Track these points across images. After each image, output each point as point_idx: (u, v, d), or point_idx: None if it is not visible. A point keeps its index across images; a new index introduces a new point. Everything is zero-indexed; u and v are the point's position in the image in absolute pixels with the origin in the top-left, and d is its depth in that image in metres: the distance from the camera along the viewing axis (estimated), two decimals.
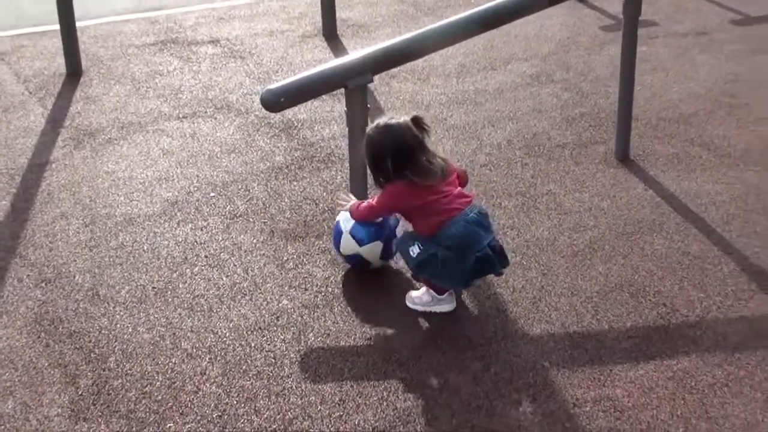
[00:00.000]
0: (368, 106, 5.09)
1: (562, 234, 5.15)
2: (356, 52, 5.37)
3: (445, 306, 4.53)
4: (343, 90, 5.01)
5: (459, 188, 4.51)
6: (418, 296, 4.57)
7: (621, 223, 5.23)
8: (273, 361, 4.23)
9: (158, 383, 4.12)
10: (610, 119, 6.43)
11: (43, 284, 4.88)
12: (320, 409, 3.92)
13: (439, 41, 5.49)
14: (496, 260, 4.37)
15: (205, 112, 6.94)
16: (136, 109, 7.01)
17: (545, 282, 4.72)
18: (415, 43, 5.34)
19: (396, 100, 7.01)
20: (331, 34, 8.38)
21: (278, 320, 4.52)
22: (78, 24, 7.76)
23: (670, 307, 4.49)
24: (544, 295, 4.62)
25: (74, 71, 7.71)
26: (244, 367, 4.20)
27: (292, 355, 4.27)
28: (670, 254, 4.92)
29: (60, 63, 7.80)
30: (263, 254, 5.07)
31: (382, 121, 4.53)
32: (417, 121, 4.50)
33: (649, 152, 6.05)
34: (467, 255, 4.30)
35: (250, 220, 5.42)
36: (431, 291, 4.52)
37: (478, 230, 4.34)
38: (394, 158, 4.39)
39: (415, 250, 4.37)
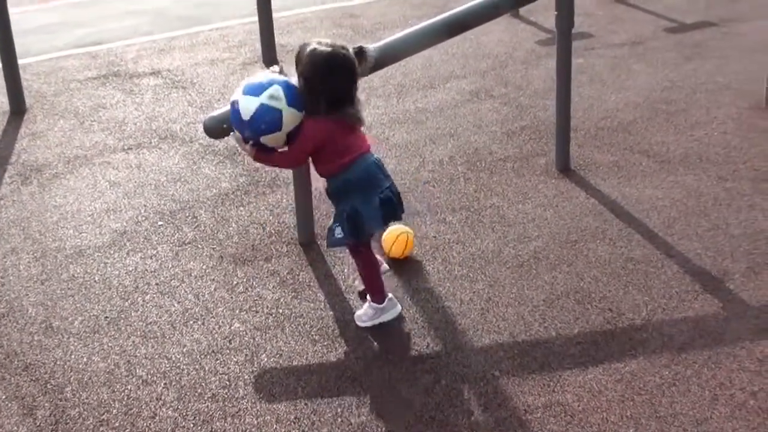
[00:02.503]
0: None
1: (507, 245, 5.25)
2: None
3: (390, 313, 4.61)
4: None
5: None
6: (364, 312, 4.64)
7: (565, 232, 5.34)
8: (227, 383, 4.28)
9: (115, 410, 4.14)
10: (549, 131, 6.55)
11: None
12: (276, 428, 3.96)
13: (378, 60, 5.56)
14: (396, 203, 4.47)
15: (150, 142, 6.97)
16: (82, 143, 7.03)
17: (492, 293, 4.81)
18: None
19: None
20: (271, 60, 8.43)
21: (231, 343, 4.56)
22: (20, 61, 7.78)
23: (616, 311, 4.59)
24: (492, 306, 4.71)
25: (18, 108, 7.72)
26: (199, 390, 4.24)
27: (246, 377, 4.31)
28: (614, 260, 5.04)
29: (3, 101, 7.81)
30: (213, 279, 5.12)
31: (332, 44, 4.27)
32: (361, 53, 4.33)
33: (589, 161, 6.18)
34: (371, 197, 4.37)
35: (199, 246, 5.46)
36: (373, 303, 4.60)
37: (379, 173, 4.43)
38: (341, 90, 4.25)
39: (338, 231, 4.40)
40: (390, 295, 4.64)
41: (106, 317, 4.85)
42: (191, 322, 4.75)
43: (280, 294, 4.92)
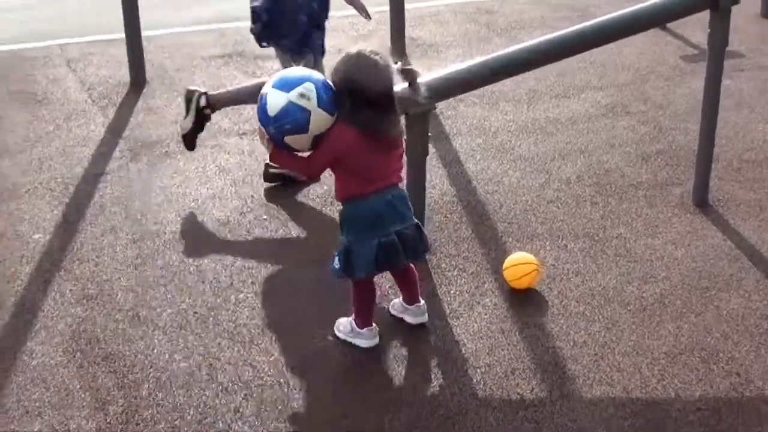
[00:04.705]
0: (429, 133, 4.85)
1: (631, 284, 4.80)
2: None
3: (364, 341, 4.33)
4: None
5: (400, 165, 4.17)
6: (344, 324, 4.41)
7: (695, 276, 4.87)
8: (312, 401, 3.98)
9: (189, 417, 3.92)
10: (688, 158, 6.06)
11: (85, 301, 4.72)
12: None
13: (505, 70, 5.24)
14: (401, 250, 4.10)
15: None
16: None
17: (609, 338, 4.39)
18: (482, 70, 5.12)
19: (462, 125, 6.73)
20: (399, 53, 8.13)
21: (320, 357, 4.27)
22: (147, 33, 7.67)
23: (745, 377, 4.11)
24: (607, 352, 4.29)
25: (138, 81, 7.56)
26: (279, 407, 3.97)
27: (332, 397, 4.01)
28: (748, 315, 4.54)
29: (125, 72, 7.66)
30: (311, 285, 4.83)
31: (373, 51, 3.99)
32: (409, 75, 4.07)
33: (729, 197, 5.67)
34: (371, 239, 4.06)
35: (302, 247, 5.19)
36: (352, 322, 4.34)
37: (391, 213, 4.08)
38: (367, 90, 3.90)
39: (335, 261, 4.17)
40: (374, 326, 4.34)
41: (195, 312, 4.62)
42: (282, 329, 4.47)
43: (379, 309, 4.57)
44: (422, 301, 4.48)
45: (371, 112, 3.92)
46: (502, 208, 5.57)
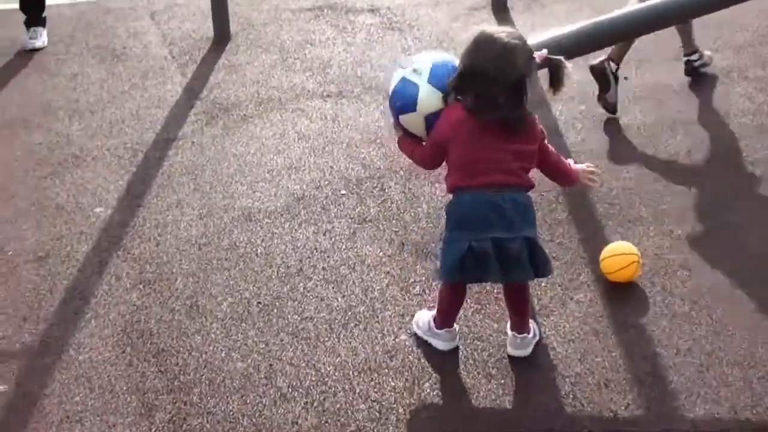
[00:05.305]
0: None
1: (745, 284, 4.21)
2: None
3: (440, 343, 3.89)
4: None
5: (526, 165, 3.62)
6: (423, 321, 3.97)
7: None
8: (377, 415, 3.58)
9: (242, 429, 3.54)
10: None
11: (141, 286, 4.39)
12: None
13: (620, 32, 4.73)
14: (493, 262, 3.51)
15: (352, 91, 6.27)
16: (279, 83, 6.42)
17: (717, 344, 3.84)
18: (593, 34, 4.68)
19: (564, 90, 6.14)
20: (500, 7, 7.58)
21: (392, 360, 3.84)
22: None
23: None
24: (714, 362, 3.75)
25: (222, 36, 7.20)
26: (342, 419, 3.56)
27: (400, 410, 3.59)
28: None
29: (210, 26, 7.29)
30: (388, 272, 4.40)
31: (507, 31, 3.53)
32: (554, 66, 3.66)
33: None
34: (461, 241, 3.54)
35: (380, 227, 4.75)
36: (432, 320, 3.90)
37: (490, 215, 3.52)
38: (476, 70, 3.46)
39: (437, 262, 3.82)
40: (454, 327, 3.89)
41: (259, 303, 4.23)
42: (351, 325, 4.06)
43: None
44: (530, 332, 3.85)
45: (480, 94, 3.48)
46: (603, 186, 5.03)
